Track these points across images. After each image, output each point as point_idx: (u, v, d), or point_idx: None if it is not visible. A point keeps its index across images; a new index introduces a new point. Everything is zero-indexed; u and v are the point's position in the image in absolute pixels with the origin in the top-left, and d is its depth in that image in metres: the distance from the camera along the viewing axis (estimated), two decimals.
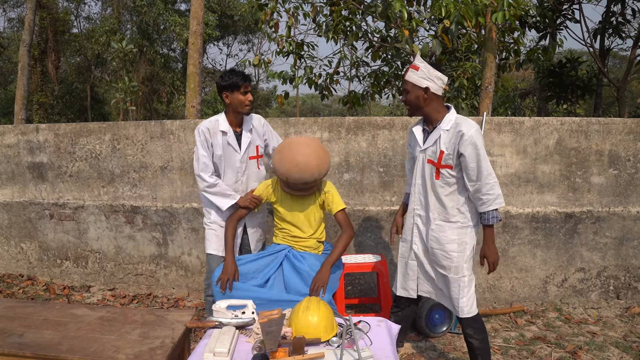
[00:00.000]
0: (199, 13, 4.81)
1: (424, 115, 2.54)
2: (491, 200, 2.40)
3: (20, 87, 7.14)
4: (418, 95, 2.47)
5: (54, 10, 14.73)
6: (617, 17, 6.87)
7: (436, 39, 4.18)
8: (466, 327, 2.55)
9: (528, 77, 17.09)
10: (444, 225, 2.52)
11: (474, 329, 2.53)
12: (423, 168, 2.56)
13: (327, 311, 2.13)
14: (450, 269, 2.52)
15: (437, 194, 2.52)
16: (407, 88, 2.49)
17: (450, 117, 2.47)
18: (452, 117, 2.47)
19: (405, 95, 2.52)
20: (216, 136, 2.96)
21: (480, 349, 2.55)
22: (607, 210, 3.84)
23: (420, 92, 2.46)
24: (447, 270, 2.53)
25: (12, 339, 2.19)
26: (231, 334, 2.05)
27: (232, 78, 2.88)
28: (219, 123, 2.98)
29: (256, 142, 3.12)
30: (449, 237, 2.50)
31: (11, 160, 4.46)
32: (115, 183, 4.21)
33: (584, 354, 3.15)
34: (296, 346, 1.83)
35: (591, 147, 3.80)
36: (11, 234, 4.58)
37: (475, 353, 2.57)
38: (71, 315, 2.44)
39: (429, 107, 2.49)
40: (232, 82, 2.87)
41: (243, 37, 21.62)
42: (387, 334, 2.19)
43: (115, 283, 4.35)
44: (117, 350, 2.05)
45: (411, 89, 2.47)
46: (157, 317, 2.37)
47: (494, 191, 2.38)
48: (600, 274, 3.92)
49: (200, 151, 2.95)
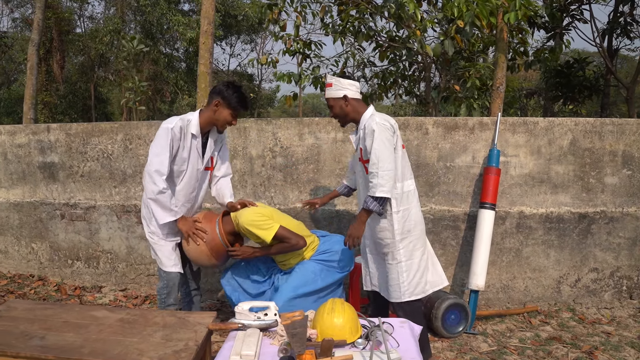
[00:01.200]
0: (210, 12, 4.80)
1: (351, 120, 2.78)
2: (370, 186, 2.54)
3: (29, 86, 7.12)
4: (340, 105, 2.72)
5: (58, 9, 14.72)
6: (626, 17, 6.85)
7: (448, 39, 4.17)
8: (398, 309, 2.73)
9: (530, 77, 17.08)
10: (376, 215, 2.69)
11: (405, 313, 2.68)
12: (360, 167, 2.80)
13: (352, 312, 2.12)
14: (386, 255, 2.73)
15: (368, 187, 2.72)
16: (330, 105, 2.76)
17: (365, 116, 2.69)
18: (367, 115, 2.69)
19: (331, 111, 2.77)
20: (186, 138, 2.73)
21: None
22: (620, 210, 3.83)
23: (340, 102, 2.71)
24: (386, 256, 2.74)
25: (33, 341, 2.18)
26: (256, 336, 2.04)
27: (238, 100, 2.74)
28: (191, 124, 2.74)
29: (214, 153, 2.97)
30: (381, 225, 2.69)
31: (22, 160, 4.45)
32: (127, 183, 4.20)
33: (600, 354, 3.15)
34: (324, 348, 1.82)
35: (605, 148, 3.79)
36: (22, 234, 4.57)
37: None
38: (91, 317, 2.43)
39: (352, 111, 2.73)
40: (234, 103, 2.74)
41: (246, 36, 21.61)
42: (411, 335, 2.18)
43: (126, 283, 4.34)
44: (141, 353, 2.05)
45: (333, 103, 2.74)
46: (179, 319, 2.36)
47: (373, 180, 2.51)
48: (613, 274, 3.91)
49: (164, 150, 2.65)
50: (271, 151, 3.92)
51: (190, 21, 15.59)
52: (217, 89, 2.77)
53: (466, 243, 3.83)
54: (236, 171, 3.97)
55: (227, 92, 2.73)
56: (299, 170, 3.90)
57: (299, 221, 3.12)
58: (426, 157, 3.79)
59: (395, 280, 2.69)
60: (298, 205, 3.92)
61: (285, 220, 2.95)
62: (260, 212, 2.83)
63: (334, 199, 3.39)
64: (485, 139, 3.76)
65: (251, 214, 2.80)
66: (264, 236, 2.79)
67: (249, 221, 2.78)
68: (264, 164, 3.94)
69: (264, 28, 19.98)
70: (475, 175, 3.80)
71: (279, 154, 3.91)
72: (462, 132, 3.76)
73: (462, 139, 3.77)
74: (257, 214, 2.80)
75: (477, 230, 3.58)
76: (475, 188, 3.80)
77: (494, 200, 3.56)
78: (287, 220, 2.96)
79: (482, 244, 3.54)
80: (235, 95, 2.74)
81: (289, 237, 2.83)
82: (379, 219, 2.69)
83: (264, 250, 2.92)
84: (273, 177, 3.94)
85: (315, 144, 3.86)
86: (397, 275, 2.69)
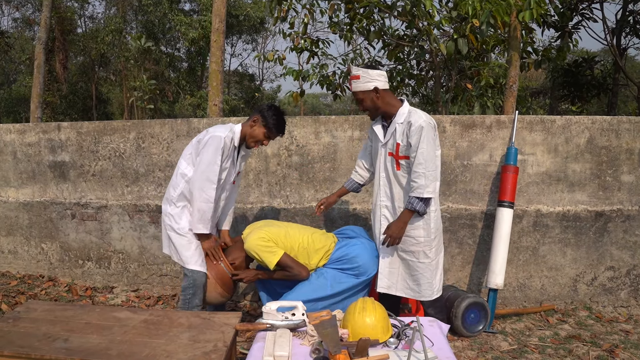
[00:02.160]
0: (222, 10, 4.76)
1: (382, 113, 2.71)
2: (414, 187, 2.54)
3: (36, 85, 7.07)
4: (371, 97, 2.63)
5: (61, 9, 14.65)
6: (636, 15, 6.84)
7: (462, 37, 4.14)
8: (429, 307, 2.76)
9: (532, 77, 17.08)
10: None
11: (436, 310, 2.76)
12: (385, 161, 2.73)
13: (383, 312, 2.09)
14: (418, 254, 2.68)
15: (400, 184, 2.70)
16: (359, 98, 2.66)
17: (403, 111, 2.63)
18: (405, 110, 2.63)
19: (361, 105, 2.68)
20: (230, 150, 2.80)
21: None
22: (637, 208, 3.81)
23: (372, 94, 2.63)
24: (416, 255, 2.69)
25: (57, 343, 2.14)
26: (287, 336, 2.01)
27: (275, 122, 2.78)
28: (235, 136, 2.80)
29: (241, 168, 3.03)
30: (415, 224, 2.65)
31: (32, 159, 4.41)
32: (139, 182, 4.16)
33: (621, 352, 3.13)
34: (360, 348, 1.80)
35: (622, 146, 3.77)
36: (31, 234, 4.53)
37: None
38: (114, 318, 2.40)
39: (384, 104, 2.66)
40: (271, 124, 2.77)
41: (247, 36, 21.56)
42: (441, 333, 2.16)
43: (139, 284, 4.30)
44: (169, 355, 2.01)
45: (363, 96, 2.64)
46: (204, 320, 2.33)
47: (419, 180, 2.52)
48: (629, 272, 3.89)
49: (217, 159, 2.67)
50: (287, 150, 3.89)
51: (193, 21, 15.53)
52: (260, 106, 2.85)
53: (483, 242, 3.81)
54: (251, 170, 3.94)
55: (268, 112, 2.77)
56: (315, 168, 3.87)
57: (315, 229, 3.04)
58: (443, 155, 3.76)
59: (427, 279, 2.66)
60: (314, 205, 3.89)
61: (299, 235, 2.87)
62: (265, 236, 2.77)
63: (344, 195, 3.28)
64: (503, 137, 3.74)
65: (256, 239, 2.76)
66: (267, 262, 2.76)
67: (253, 246, 2.77)
68: (280, 163, 3.91)
69: (267, 28, 19.98)
70: (493, 174, 3.77)
71: (294, 153, 3.88)
72: (480, 131, 3.74)
73: (479, 137, 3.74)
74: (261, 239, 2.75)
75: (496, 228, 3.55)
76: (493, 187, 3.78)
77: (512, 199, 3.54)
78: (300, 235, 2.88)
79: (500, 242, 3.51)
80: (274, 118, 2.77)
81: (292, 266, 2.77)
82: (415, 218, 2.65)
83: (268, 274, 2.88)
84: (289, 176, 3.91)
85: (332, 143, 3.83)
86: (429, 273, 2.67)
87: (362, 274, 2.86)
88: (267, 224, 2.94)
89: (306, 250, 2.86)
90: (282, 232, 2.85)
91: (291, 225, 2.99)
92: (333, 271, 2.85)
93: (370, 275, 2.89)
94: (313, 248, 2.89)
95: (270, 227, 2.88)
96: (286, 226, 2.95)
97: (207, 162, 2.67)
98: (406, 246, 2.73)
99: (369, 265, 2.87)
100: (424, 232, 2.64)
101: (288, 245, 2.82)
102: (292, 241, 2.84)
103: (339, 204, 3.86)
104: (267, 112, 2.77)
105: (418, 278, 2.70)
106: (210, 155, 2.66)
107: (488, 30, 3.92)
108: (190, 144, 2.86)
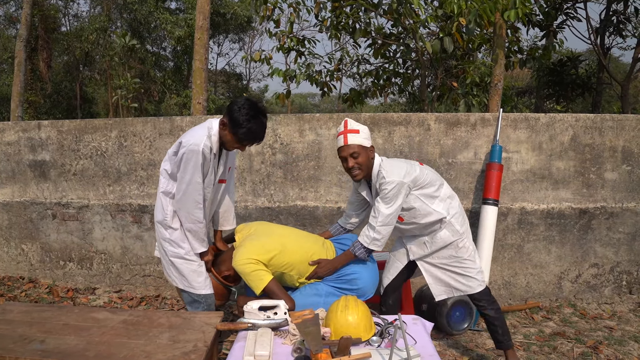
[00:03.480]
0: (206, 7, 4.70)
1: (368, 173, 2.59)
2: (364, 234, 2.55)
3: (16, 83, 6.93)
4: (368, 155, 2.54)
5: (45, 7, 14.40)
6: (619, 15, 6.92)
7: (448, 36, 4.15)
8: (483, 297, 2.66)
9: (518, 76, 17.23)
10: (430, 236, 2.64)
11: (488, 298, 2.67)
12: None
13: (365, 310, 2.07)
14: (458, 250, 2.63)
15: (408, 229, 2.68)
16: (355, 152, 2.50)
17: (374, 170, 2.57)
18: (377, 169, 2.56)
19: (355, 159, 2.51)
20: (210, 157, 2.43)
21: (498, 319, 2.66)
22: (620, 206, 3.85)
23: (369, 152, 2.55)
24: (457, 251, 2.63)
25: (33, 345, 2.08)
26: (269, 336, 1.98)
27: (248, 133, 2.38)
28: (212, 141, 2.43)
29: (230, 164, 2.71)
30: (443, 239, 2.61)
31: (11, 158, 4.31)
32: (122, 181, 4.09)
33: (605, 349, 3.14)
34: (342, 346, 1.77)
35: (605, 144, 3.80)
36: (11, 234, 4.43)
37: (495, 325, 2.66)
38: (92, 319, 2.34)
39: (371, 163, 2.58)
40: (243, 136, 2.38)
41: (234, 35, 21.44)
42: (425, 331, 2.14)
43: (121, 285, 4.23)
44: (148, 356, 1.96)
45: (361, 151, 2.51)
46: (184, 320, 2.28)
47: (370, 232, 2.51)
48: (613, 269, 3.93)
49: (196, 177, 2.36)
50: (271, 148, 3.85)
51: (178, 19, 15.38)
52: (231, 104, 2.42)
53: None
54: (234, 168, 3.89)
55: (238, 114, 2.34)
56: (300, 167, 3.84)
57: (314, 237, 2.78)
58: (428, 153, 3.76)
59: (473, 271, 2.64)
60: (298, 203, 3.85)
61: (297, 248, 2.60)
62: (254, 257, 2.46)
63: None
64: (487, 135, 3.74)
65: (244, 260, 2.45)
66: (252, 287, 2.48)
67: (241, 267, 2.47)
68: (264, 161, 3.87)
69: (254, 27, 19.88)
70: (477, 172, 3.78)
71: (278, 151, 3.84)
72: (464, 128, 3.74)
73: (464, 135, 3.74)
74: (249, 261, 2.44)
75: (480, 226, 3.56)
76: (477, 184, 3.78)
77: (496, 196, 3.54)
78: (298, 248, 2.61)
79: (485, 240, 3.52)
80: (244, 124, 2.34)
81: (278, 295, 2.43)
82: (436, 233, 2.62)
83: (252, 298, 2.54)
84: (273, 174, 3.87)
85: (316, 141, 3.80)
86: (472, 263, 2.65)
87: (362, 295, 2.63)
88: (262, 232, 2.67)
89: (304, 264, 2.61)
90: (277, 246, 2.54)
91: (287, 234, 2.70)
92: (328, 288, 2.63)
93: (367, 297, 2.66)
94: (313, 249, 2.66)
95: (264, 238, 2.60)
96: (281, 235, 2.66)
97: (188, 181, 2.38)
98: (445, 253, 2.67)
99: (369, 288, 2.67)
100: (449, 233, 2.59)
101: (283, 261, 2.54)
102: (289, 257, 2.57)
103: (323, 202, 3.84)
104: (237, 113, 2.33)
105: (465, 271, 2.65)
106: (189, 174, 2.37)
107: (475, 28, 3.92)
108: (167, 156, 2.55)
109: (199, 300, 2.59)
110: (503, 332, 2.66)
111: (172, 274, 2.63)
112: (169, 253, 2.58)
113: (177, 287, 2.68)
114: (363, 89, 6.97)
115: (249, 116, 2.34)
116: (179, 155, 2.41)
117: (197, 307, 2.60)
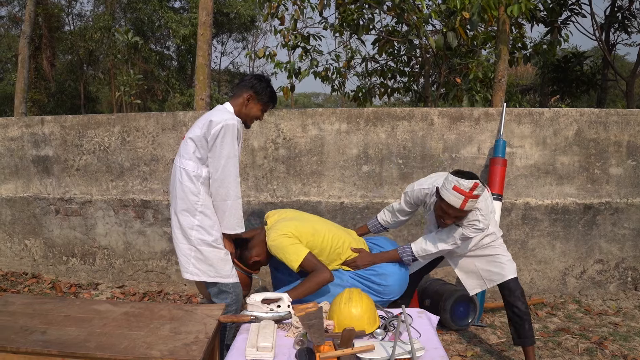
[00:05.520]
0: (209, 4, 4.70)
1: None
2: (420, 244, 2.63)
3: (20, 80, 6.95)
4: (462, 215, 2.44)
5: (48, 6, 14.44)
6: (624, 11, 6.87)
7: (452, 31, 4.12)
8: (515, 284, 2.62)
9: (523, 74, 17.16)
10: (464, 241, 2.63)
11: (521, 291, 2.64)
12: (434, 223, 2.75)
13: (369, 302, 2.05)
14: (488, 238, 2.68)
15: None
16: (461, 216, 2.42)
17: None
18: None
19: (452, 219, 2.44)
20: (241, 133, 2.51)
21: (527, 314, 2.62)
22: (625, 201, 3.82)
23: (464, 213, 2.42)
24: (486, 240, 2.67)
25: (34, 336, 2.08)
26: (272, 328, 1.96)
27: (270, 95, 2.53)
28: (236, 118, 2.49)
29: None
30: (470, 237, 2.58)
31: (15, 153, 4.32)
32: (124, 177, 4.09)
33: (610, 345, 3.12)
34: (345, 339, 1.75)
35: (610, 138, 3.77)
36: (14, 230, 4.43)
37: (523, 319, 2.61)
38: (94, 311, 2.33)
39: None
40: (267, 98, 2.53)
41: (238, 35, 21.45)
42: (429, 324, 2.12)
43: (124, 280, 4.23)
44: (149, 347, 1.95)
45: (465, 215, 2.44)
46: (186, 312, 2.27)
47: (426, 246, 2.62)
48: (618, 265, 3.90)
49: (234, 151, 2.38)
50: (273, 143, 3.84)
51: (183, 18, 15.39)
52: (248, 82, 2.53)
53: None
54: None
55: (259, 86, 2.50)
56: (302, 162, 3.83)
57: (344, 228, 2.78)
58: (431, 148, 3.74)
59: (504, 257, 2.66)
60: (301, 198, 3.84)
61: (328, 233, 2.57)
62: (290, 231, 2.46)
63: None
64: (491, 129, 3.72)
65: (278, 234, 2.46)
66: (289, 261, 2.43)
67: (276, 242, 2.46)
68: (266, 156, 3.86)
69: (257, 27, 19.88)
70: (481, 167, 3.76)
71: (281, 146, 3.83)
72: (468, 123, 3.72)
73: (467, 129, 3.72)
74: (284, 236, 2.45)
75: None
76: (481, 179, 3.75)
77: (500, 191, 3.52)
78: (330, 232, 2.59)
79: None
80: (268, 90, 2.52)
81: (317, 265, 2.41)
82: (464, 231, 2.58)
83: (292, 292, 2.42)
84: (275, 169, 3.86)
85: (319, 135, 3.79)
86: (502, 250, 2.68)
87: (384, 294, 2.57)
88: (294, 217, 2.65)
89: (334, 252, 2.57)
90: (309, 230, 2.53)
91: (318, 220, 2.70)
92: (353, 280, 2.57)
93: (391, 298, 2.60)
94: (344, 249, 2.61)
95: (297, 221, 2.58)
96: (314, 221, 2.65)
97: (227, 155, 2.36)
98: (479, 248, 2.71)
99: (395, 289, 2.59)
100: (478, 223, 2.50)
101: (315, 245, 2.51)
102: (320, 242, 2.54)
103: (326, 197, 3.83)
104: (258, 86, 2.50)
105: (497, 259, 2.66)
106: (227, 147, 2.35)
107: (478, 22, 3.89)
108: (190, 140, 2.45)
109: (227, 291, 2.51)
110: (529, 326, 2.61)
111: (196, 267, 2.48)
112: (195, 241, 2.44)
113: (199, 283, 2.58)
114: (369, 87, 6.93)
115: (267, 83, 2.55)
116: (213, 132, 2.36)
117: (225, 299, 2.51)
